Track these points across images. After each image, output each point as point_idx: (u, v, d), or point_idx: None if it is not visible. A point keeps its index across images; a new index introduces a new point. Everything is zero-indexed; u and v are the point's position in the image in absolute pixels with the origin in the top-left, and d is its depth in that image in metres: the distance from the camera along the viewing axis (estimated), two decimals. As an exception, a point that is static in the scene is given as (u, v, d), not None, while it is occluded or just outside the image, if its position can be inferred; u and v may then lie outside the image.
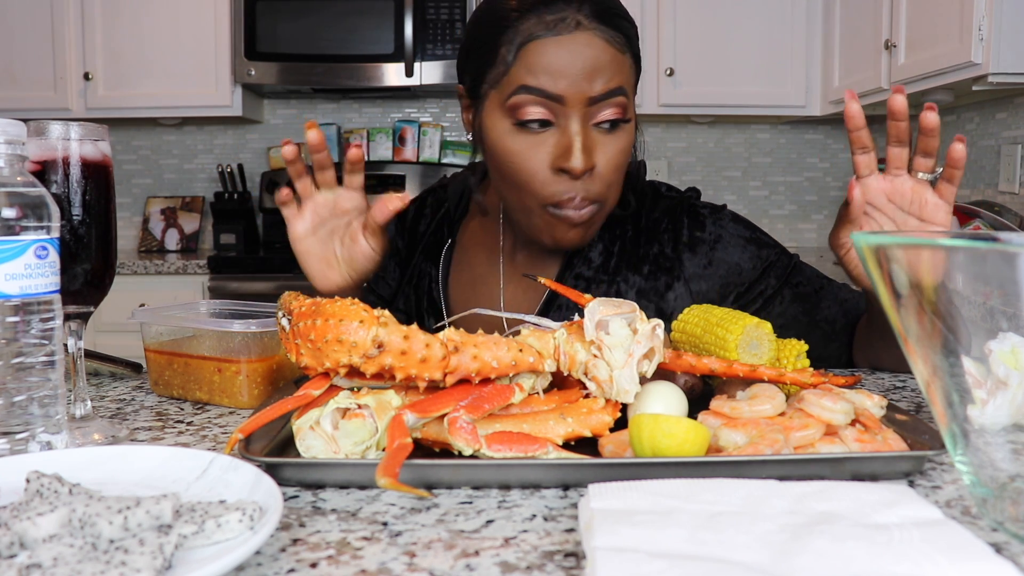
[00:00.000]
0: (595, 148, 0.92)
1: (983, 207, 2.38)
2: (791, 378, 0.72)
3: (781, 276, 1.07)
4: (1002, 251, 0.44)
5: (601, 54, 0.90)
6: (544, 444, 0.60)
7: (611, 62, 0.91)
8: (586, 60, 0.90)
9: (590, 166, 0.92)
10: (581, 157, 0.90)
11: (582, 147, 0.90)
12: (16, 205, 0.63)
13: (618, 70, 0.92)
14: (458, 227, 1.16)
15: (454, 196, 1.18)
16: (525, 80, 0.91)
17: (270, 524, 0.47)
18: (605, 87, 0.91)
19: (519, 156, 0.93)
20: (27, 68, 3.06)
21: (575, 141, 0.90)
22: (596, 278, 1.05)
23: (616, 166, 0.94)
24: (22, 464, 0.58)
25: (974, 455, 0.49)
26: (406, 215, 1.22)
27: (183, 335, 0.91)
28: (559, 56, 0.90)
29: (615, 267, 1.05)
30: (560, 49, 0.90)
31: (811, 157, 3.50)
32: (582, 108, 0.91)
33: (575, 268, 1.05)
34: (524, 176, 0.93)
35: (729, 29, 3.05)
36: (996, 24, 2.01)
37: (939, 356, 0.47)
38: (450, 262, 1.14)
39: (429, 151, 3.40)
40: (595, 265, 1.05)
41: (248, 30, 3.01)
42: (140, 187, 3.50)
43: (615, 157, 0.94)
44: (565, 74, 0.90)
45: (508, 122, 0.93)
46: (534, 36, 0.91)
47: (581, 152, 0.90)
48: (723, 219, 1.08)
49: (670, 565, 0.42)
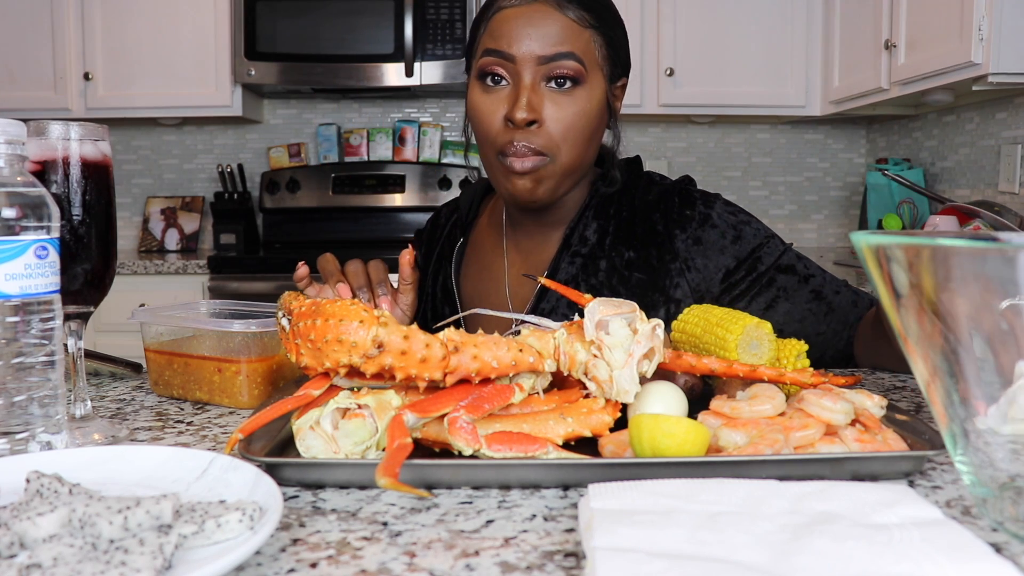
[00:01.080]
0: (542, 104, 1.01)
1: (983, 207, 2.38)
2: (791, 378, 0.72)
3: (772, 256, 1.09)
4: (1002, 251, 0.44)
5: (555, 23, 1.01)
6: (544, 444, 0.60)
7: (564, 30, 1.01)
8: (539, 26, 1.01)
9: (532, 118, 1.00)
10: (524, 108, 1.00)
11: (527, 101, 1.00)
12: (16, 205, 0.63)
13: (573, 39, 1.02)
14: (470, 228, 1.24)
15: (466, 202, 1.27)
16: (488, 44, 1.04)
17: (270, 524, 0.47)
18: (554, 49, 1.01)
19: (479, 110, 1.05)
20: (27, 68, 3.06)
21: (521, 95, 1.01)
22: (592, 254, 1.10)
23: (567, 125, 1.02)
24: (22, 464, 0.58)
25: (974, 455, 0.49)
26: (421, 234, 1.33)
27: (183, 335, 0.91)
28: (517, 22, 1.02)
29: (610, 244, 1.11)
30: (518, 17, 1.02)
31: (811, 157, 3.50)
32: (533, 67, 1.01)
33: (572, 246, 1.11)
34: (483, 128, 1.05)
35: (729, 29, 3.05)
36: (996, 24, 2.01)
37: (939, 356, 0.47)
38: (463, 256, 1.22)
39: (429, 151, 3.40)
40: (591, 243, 1.11)
41: (248, 30, 3.01)
42: (140, 187, 3.50)
43: (566, 117, 1.02)
44: (518, 37, 1.01)
45: (477, 84, 1.06)
46: (499, 8, 1.04)
47: (525, 104, 1.00)
48: (713, 202, 1.12)
49: (670, 565, 0.42)
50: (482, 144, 1.06)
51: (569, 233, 1.11)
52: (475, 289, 1.17)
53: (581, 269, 1.09)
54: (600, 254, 1.10)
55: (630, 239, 1.10)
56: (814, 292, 1.08)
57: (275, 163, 3.41)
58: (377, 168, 3.36)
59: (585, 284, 1.09)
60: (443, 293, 1.20)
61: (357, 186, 3.33)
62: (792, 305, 1.07)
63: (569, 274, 1.09)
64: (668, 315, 1.06)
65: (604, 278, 1.08)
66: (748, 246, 1.08)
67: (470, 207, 1.25)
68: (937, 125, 2.97)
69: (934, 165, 2.99)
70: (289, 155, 3.41)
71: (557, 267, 1.10)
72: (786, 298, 1.07)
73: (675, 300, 1.07)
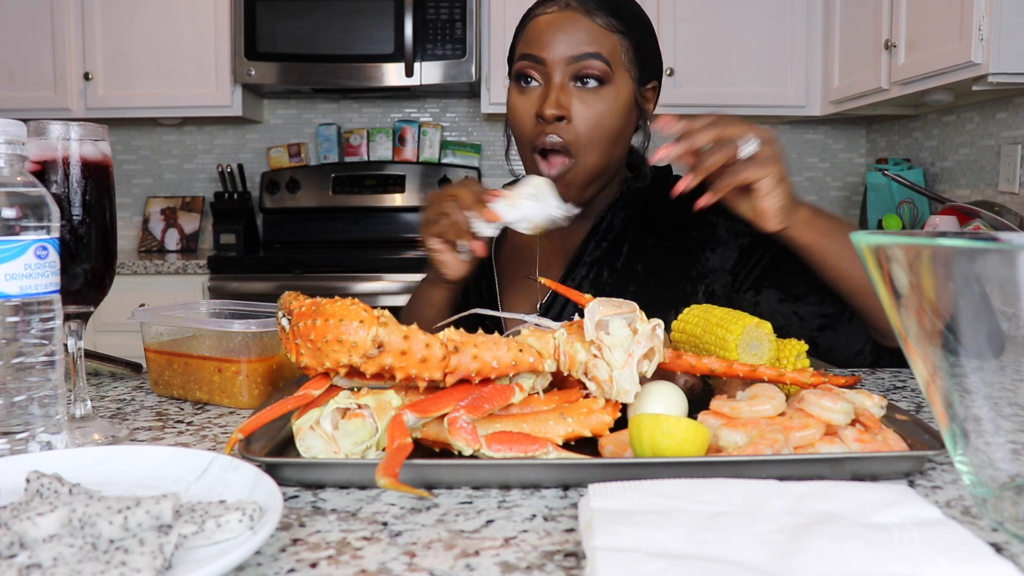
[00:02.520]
0: (571, 101, 1.07)
1: (983, 207, 2.38)
2: (791, 378, 0.72)
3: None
4: (1002, 251, 0.44)
5: (582, 27, 1.08)
6: (544, 444, 0.60)
7: (592, 34, 1.08)
8: (569, 31, 1.08)
9: (561, 113, 1.06)
10: (554, 104, 1.06)
11: (555, 98, 1.07)
12: (16, 205, 0.63)
13: (600, 41, 1.08)
14: None
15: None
16: (522, 49, 1.11)
17: (270, 524, 0.47)
18: (581, 50, 1.07)
19: (514, 108, 1.12)
20: (27, 68, 3.06)
21: (551, 93, 1.07)
22: (617, 239, 1.17)
23: (593, 121, 1.07)
24: (22, 464, 0.58)
25: (974, 455, 0.49)
26: None
27: (183, 335, 0.91)
28: (548, 28, 1.09)
29: (634, 232, 1.17)
30: (550, 23, 1.09)
31: (811, 157, 3.50)
32: (562, 68, 1.08)
33: (600, 232, 1.18)
34: (518, 125, 1.12)
35: (729, 29, 3.05)
36: (996, 24, 2.01)
37: (939, 356, 0.47)
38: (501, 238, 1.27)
39: (429, 151, 3.40)
40: (617, 229, 1.18)
41: (248, 30, 3.01)
42: (140, 187, 3.50)
43: (592, 114, 1.07)
44: (549, 41, 1.08)
45: (513, 86, 1.13)
46: (533, 16, 1.12)
47: (554, 101, 1.06)
48: None
49: (670, 565, 0.42)
50: (518, 141, 1.13)
51: (599, 221, 1.19)
52: (509, 267, 1.25)
53: (606, 253, 1.16)
54: (624, 239, 1.17)
55: (651, 226, 1.17)
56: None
57: (275, 163, 3.41)
58: (377, 168, 3.36)
59: (608, 267, 1.15)
60: (479, 270, 1.25)
61: (357, 186, 3.33)
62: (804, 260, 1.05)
63: (594, 256, 1.16)
64: (686, 295, 1.12)
65: (625, 261, 1.15)
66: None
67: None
68: (937, 125, 2.97)
69: (934, 165, 2.99)
70: (289, 155, 3.41)
71: (584, 250, 1.17)
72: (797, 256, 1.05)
73: (692, 279, 1.12)
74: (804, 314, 1.07)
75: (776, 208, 0.92)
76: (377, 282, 2.80)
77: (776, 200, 0.91)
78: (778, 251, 1.08)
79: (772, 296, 1.09)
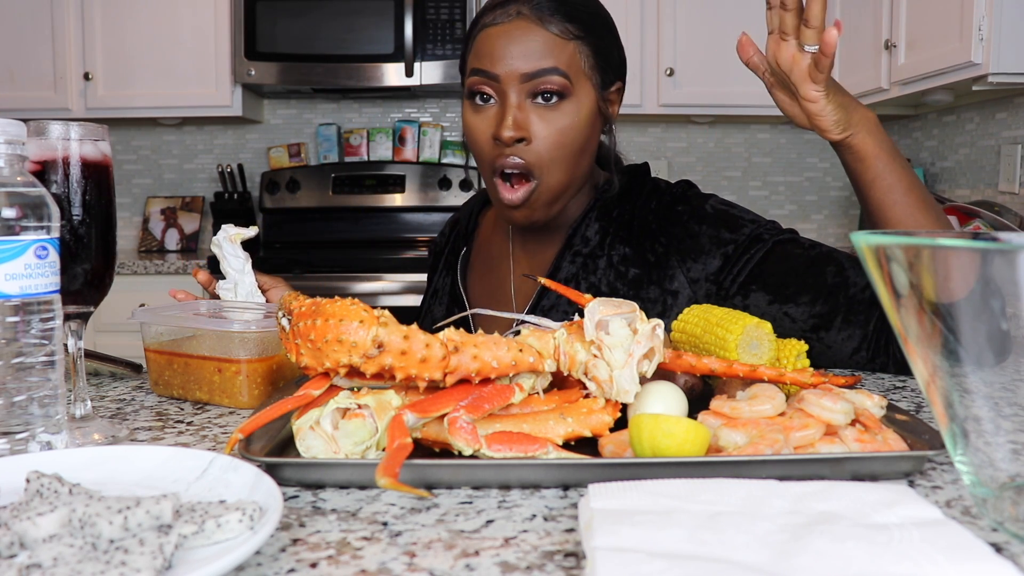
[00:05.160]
0: (529, 120, 1.02)
1: (983, 207, 2.38)
2: (791, 378, 0.72)
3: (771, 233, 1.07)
4: (1002, 251, 0.44)
5: (536, 38, 1.02)
6: (544, 444, 0.60)
7: (547, 45, 1.02)
8: (521, 43, 1.01)
9: (519, 135, 1.01)
10: (511, 127, 1.01)
11: (512, 119, 1.01)
12: (16, 205, 0.63)
13: (556, 53, 1.02)
14: (472, 238, 1.28)
15: (465, 215, 1.32)
16: (473, 64, 1.05)
17: (270, 524, 0.47)
18: (537, 65, 1.01)
19: (471, 128, 1.06)
20: (27, 68, 3.06)
21: (507, 113, 1.01)
22: (592, 253, 1.12)
23: (555, 140, 1.03)
24: (22, 464, 0.58)
25: (974, 455, 0.49)
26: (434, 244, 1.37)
27: (183, 335, 0.91)
28: (499, 40, 1.02)
29: (609, 243, 1.12)
30: (500, 35, 1.02)
31: (811, 157, 3.50)
32: (517, 85, 1.02)
33: (574, 246, 1.13)
34: (476, 146, 1.06)
35: (729, 29, 3.04)
36: (996, 24, 2.01)
37: (939, 356, 0.47)
38: (468, 263, 1.26)
39: (429, 151, 3.40)
40: (592, 243, 1.13)
41: (248, 30, 3.01)
42: (140, 187, 3.50)
43: (553, 132, 1.02)
44: (501, 55, 1.02)
45: (467, 103, 1.07)
46: (483, 26, 1.05)
47: (511, 123, 1.01)
48: (707, 198, 1.13)
49: (670, 565, 0.42)
50: (478, 162, 1.09)
51: (571, 234, 1.13)
52: (482, 290, 1.21)
53: (581, 268, 1.11)
54: (600, 253, 1.12)
55: (627, 237, 1.12)
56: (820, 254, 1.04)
57: (275, 163, 3.41)
58: (377, 168, 3.36)
59: (585, 282, 1.10)
60: (451, 299, 1.24)
61: (357, 186, 3.33)
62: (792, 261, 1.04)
63: (570, 272, 1.11)
64: (666, 308, 1.08)
65: (602, 275, 1.10)
66: (745, 230, 1.07)
67: (469, 219, 1.30)
68: (937, 125, 2.97)
69: (934, 165, 2.99)
70: (289, 155, 3.41)
71: (559, 266, 1.12)
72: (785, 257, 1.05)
73: (671, 292, 1.08)
74: (795, 315, 1.03)
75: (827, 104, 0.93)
76: (377, 282, 2.80)
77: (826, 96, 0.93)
78: (764, 254, 1.05)
79: (761, 298, 1.05)
